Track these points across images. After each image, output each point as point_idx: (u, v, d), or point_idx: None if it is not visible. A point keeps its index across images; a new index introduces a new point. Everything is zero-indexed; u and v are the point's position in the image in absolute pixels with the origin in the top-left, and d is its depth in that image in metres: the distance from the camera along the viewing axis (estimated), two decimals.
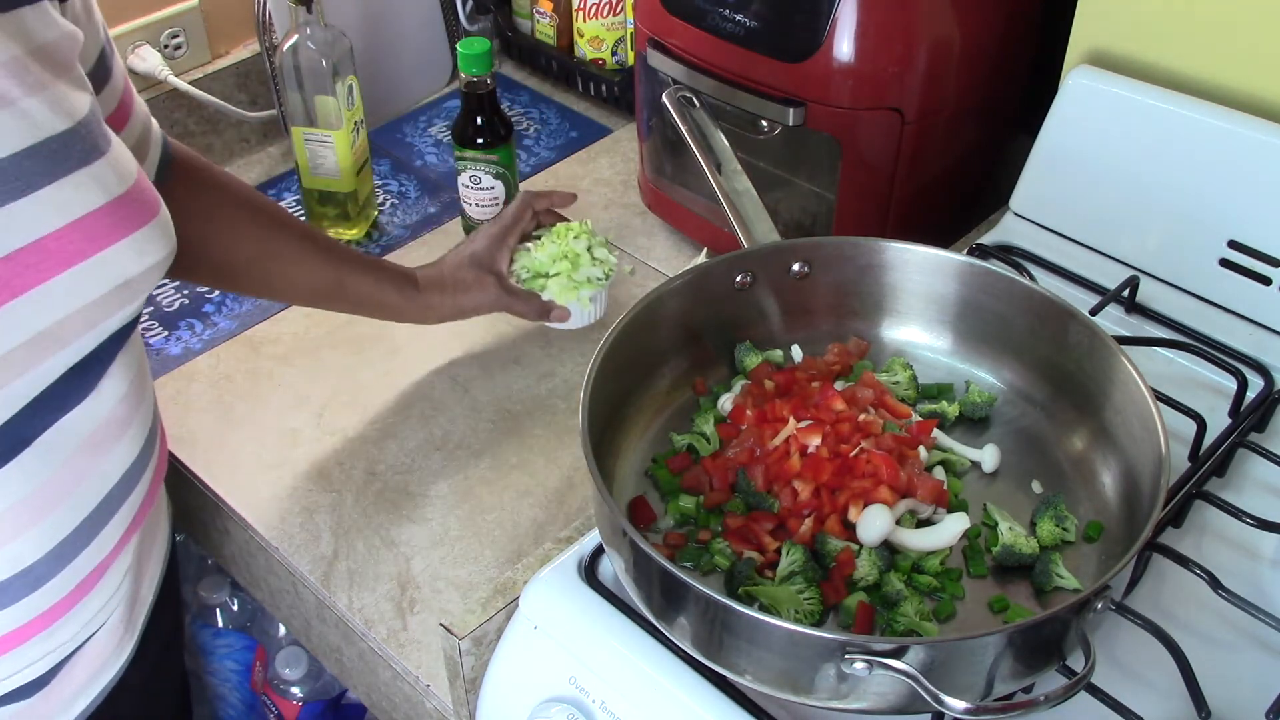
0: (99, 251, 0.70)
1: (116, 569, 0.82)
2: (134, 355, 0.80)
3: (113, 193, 0.70)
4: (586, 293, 1.10)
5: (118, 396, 0.77)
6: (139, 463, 0.81)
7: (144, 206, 0.73)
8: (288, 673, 1.27)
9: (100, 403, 0.75)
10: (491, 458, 1.05)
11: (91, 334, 0.72)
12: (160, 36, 1.36)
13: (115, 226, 0.71)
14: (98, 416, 0.75)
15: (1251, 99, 0.93)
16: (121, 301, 0.73)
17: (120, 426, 0.78)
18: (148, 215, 0.73)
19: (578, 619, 0.76)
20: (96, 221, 0.69)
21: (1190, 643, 0.68)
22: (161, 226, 0.74)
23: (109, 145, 0.72)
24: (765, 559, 0.75)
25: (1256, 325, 0.94)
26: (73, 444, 0.74)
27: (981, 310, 0.87)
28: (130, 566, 0.85)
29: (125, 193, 0.71)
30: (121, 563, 0.83)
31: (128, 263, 0.71)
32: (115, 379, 0.76)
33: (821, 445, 0.78)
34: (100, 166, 0.70)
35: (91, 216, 0.69)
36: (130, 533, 0.82)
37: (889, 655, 0.61)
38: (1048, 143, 1.01)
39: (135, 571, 0.86)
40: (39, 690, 0.80)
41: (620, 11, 1.43)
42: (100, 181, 0.70)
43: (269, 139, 1.46)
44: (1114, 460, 0.79)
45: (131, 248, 0.71)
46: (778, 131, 1.09)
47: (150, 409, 0.84)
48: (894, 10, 1.00)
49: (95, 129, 0.71)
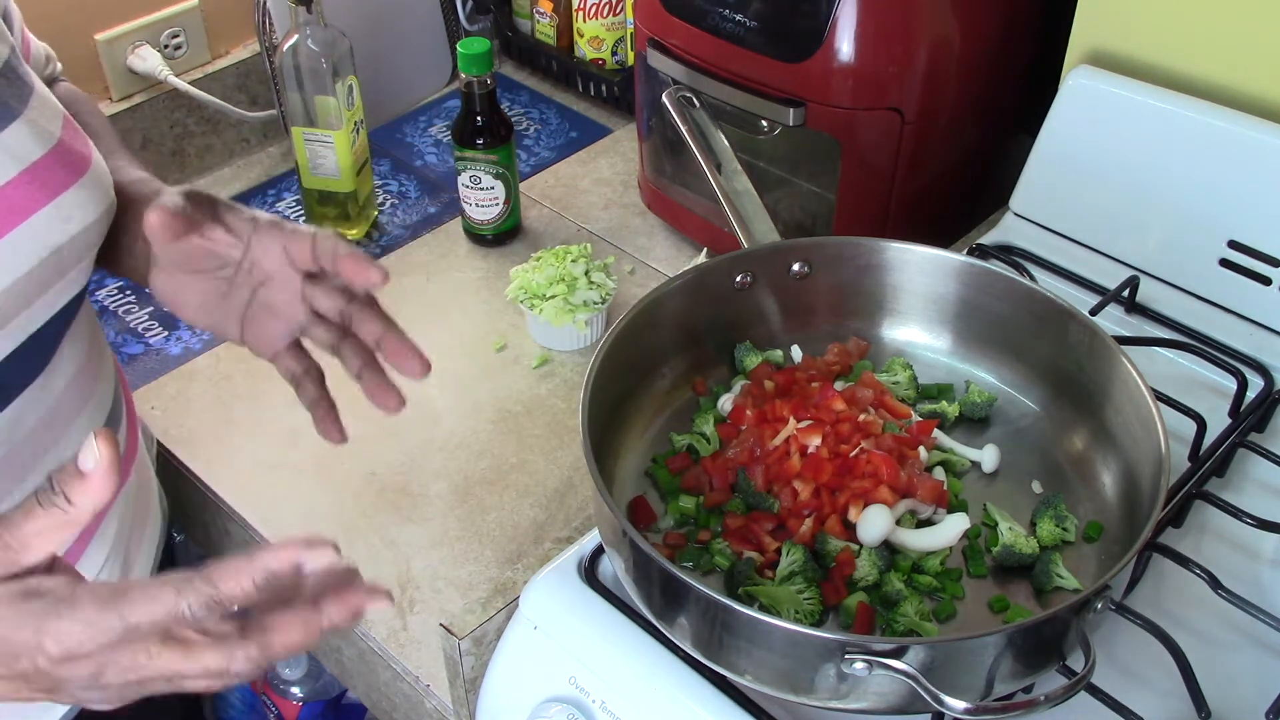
0: (16, 226, 0.66)
1: (91, 557, 0.79)
2: (85, 331, 0.76)
3: (26, 160, 0.66)
4: (582, 316, 1.11)
5: (69, 377, 0.73)
6: None
7: (68, 167, 0.69)
8: (288, 673, 1.27)
9: (50, 385, 0.72)
10: (491, 458, 1.05)
11: (28, 313, 0.68)
12: (160, 36, 1.36)
13: (32, 195, 0.66)
14: (48, 400, 0.72)
15: (1251, 99, 0.93)
16: (55, 273, 0.69)
17: (74, 407, 0.74)
18: (71, 177, 0.69)
19: (578, 619, 0.76)
20: (13, 191, 0.66)
21: (1190, 643, 0.68)
22: (89, 188, 0.70)
23: (24, 104, 0.67)
24: (765, 559, 0.75)
25: (1256, 325, 0.94)
26: (22, 430, 0.70)
27: (981, 310, 0.87)
28: (109, 554, 0.82)
29: (41, 158, 0.67)
30: (97, 548, 0.80)
31: (50, 232, 0.68)
32: (65, 359, 0.73)
33: (821, 445, 0.78)
34: (10, 134, 0.66)
35: (4, 189, 0.65)
36: (100, 518, 0.79)
37: (889, 655, 0.61)
38: (1048, 143, 1.01)
39: (120, 560, 0.83)
40: None
41: (620, 11, 1.43)
42: (10, 151, 0.66)
43: (269, 139, 1.46)
44: (1114, 460, 0.79)
45: (55, 215, 0.67)
46: (778, 131, 1.09)
47: (110, 387, 0.80)
48: (894, 10, 1.00)
49: (6, 90, 0.67)
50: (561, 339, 1.14)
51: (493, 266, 1.26)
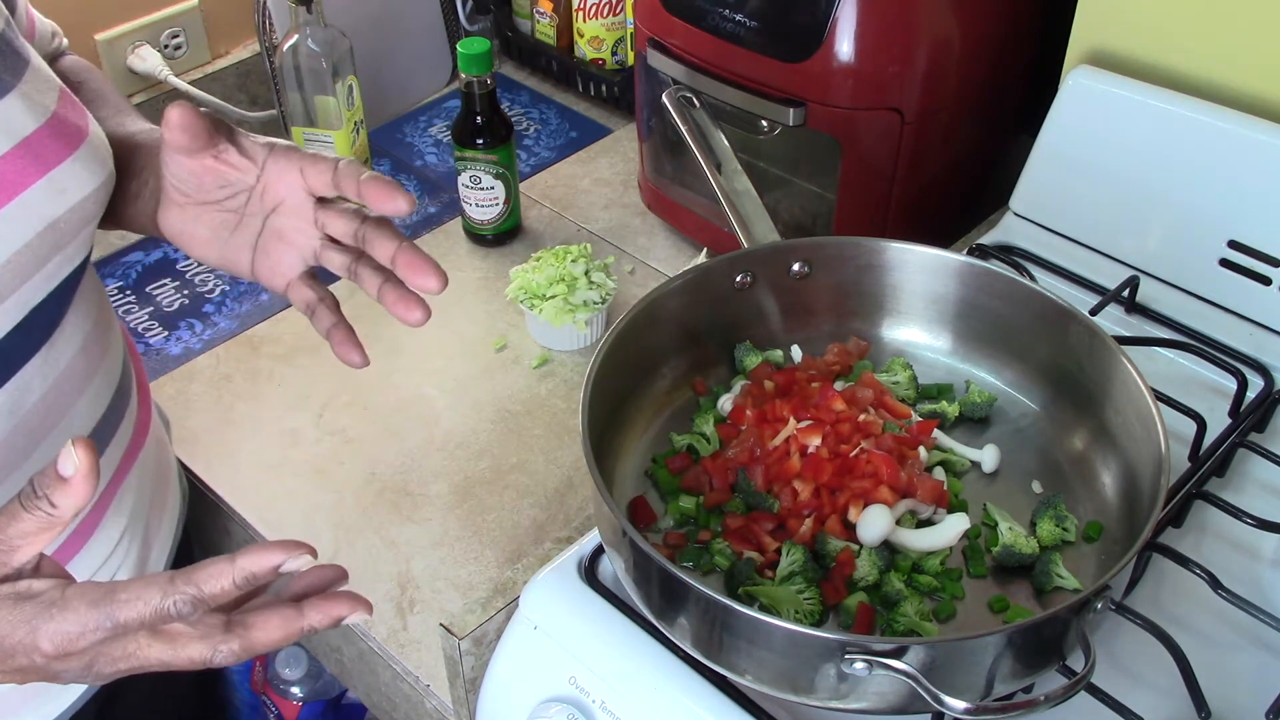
0: (10, 200, 0.65)
1: (106, 531, 0.79)
2: (89, 305, 0.76)
3: (19, 135, 0.66)
4: (582, 316, 1.11)
5: (74, 350, 0.73)
6: (109, 418, 0.77)
7: (62, 140, 0.69)
8: (288, 673, 1.27)
9: (54, 358, 0.71)
10: (491, 458, 1.05)
11: (28, 286, 0.68)
12: (160, 36, 1.36)
13: (26, 169, 0.66)
14: (54, 373, 0.72)
15: (1251, 99, 0.93)
16: (52, 247, 0.68)
17: (81, 381, 0.74)
18: (66, 150, 0.69)
19: (578, 619, 0.76)
20: (5, 166, 0.65)
21: (1190, 643, 0.68)
22: (84, 160, 0.70)
23: (18, 78, 0.67)
24: (765, 559, 0.75)
25: (1256, 325, 0.94)
26: (28, 403, 0.70)
27: (981, 310, 0.87)
28: (126, 528, 0.81)
29: (35, 131, 0.67)
30: (112, 523, 0.79)
31: (45, 205, 0.67)
32: (69, 332, 0.72)
33: (821, 445, 0.78)
34: (3, 108, 0.66)
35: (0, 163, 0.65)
36: (112, 492, 0.79)
37: (889, 655, 0.61)
38: (1048, 143, 1.01)
39: (140, 535, 0.83)
40: None
41: (620, 11, 1.43)
42: (3, 126, 0.66)
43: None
44: (1114, 460, 0.79)
45: (49, 188, 0.67)
46: (778, 131, 1.09)
47: (118, 360, 0.80)
48: (894, 10, 1.00)
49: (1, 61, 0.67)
50: (561, 339, 1.14)
51: (493, 266, 1.26)
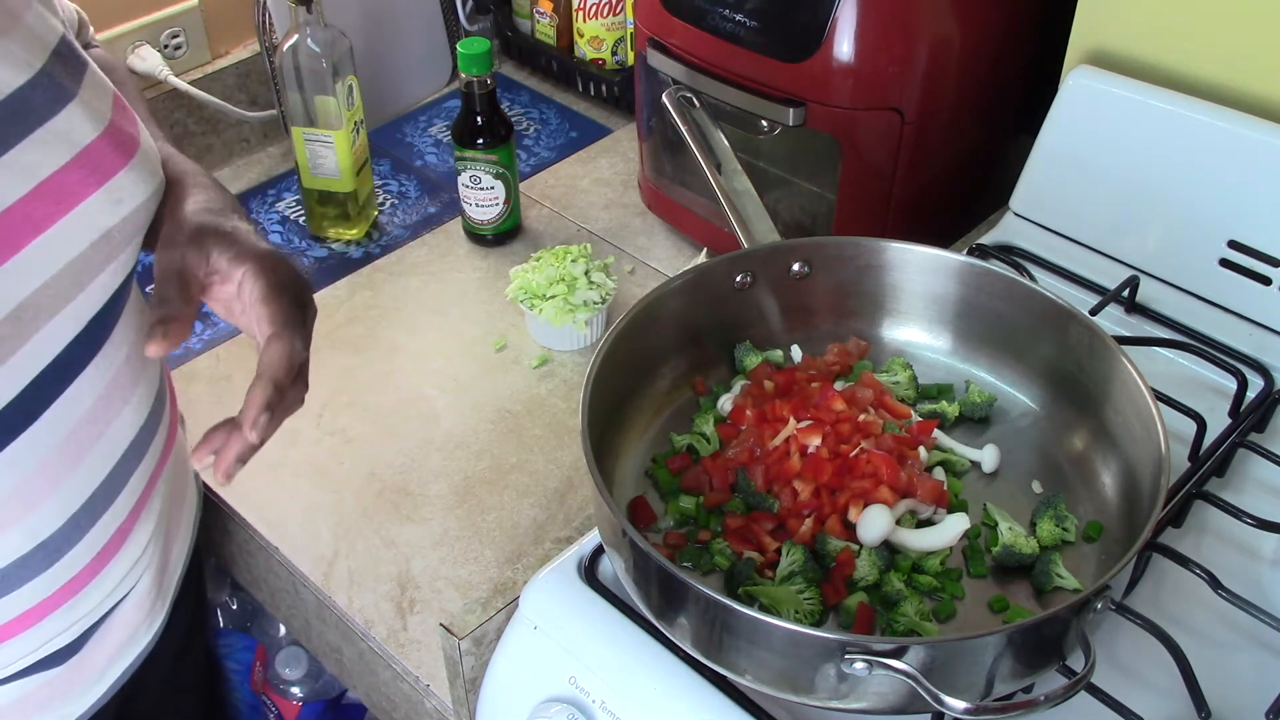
0: (69, 211, 0.66)
1: (138, 534, 0.80)
2: (135, 314, 0.77)
3: (79, 144, 0.66)
4: (582, 316, 1.11)
5: (122, 358, 0.74)
6: (149, 424, 0.79)
7: (117, 150, 0.69)
8: (288, 673, 1.27)
9: (105, 368, 0.73)
10: (491, 458, 1.05)
11: (83, 295, 0.69)
12: (160, 36, 1.36)
13: (85, 180, 0.67)
14: (103, 382, 0.73)
15: (1251, 99, 0.93)
16: (105, 256, 0.69)
17: (127, 390, 0.75)
18: (121, 160, 0.69)
19: (578, 619, 0.76)
20: (64, 177, 0.66)
21: (1190, 643, 0.68)
22: (138, 169, 0.70)
23: (79, 84, 0.67)
24: (765, 559, 0.75)
25: (1256, 325, 0.94)
26: (80, 411, 0.71)
27: (981, 310, 0.87)
28: (154, 531, 0.83)
29: (94, 140, 0.67)
30: (143, 527, 0.81)
31: (101, 215, 0.68)
32: (118, 342, 0.74)
33: (821, 445, 0.78)
34: (66, 117, 0.66)
35: (58, 174, 0.65)
36: (147, 496, 0.81)
37: (889, 655, 0.61)
38: (1048, 143, 1.01)
39: (162, 537, 0.84)
40: (70, 658, 0.79)
41: (620, 11, 1.43)
42: (64, 137, 0.66)
43: (269, 139, 1.46)
44: (1114, 460, 0.79)
45: (106, 198, 0.68)
46: (778, 131, 1.09)
47: (156, 368, 0.81)
48: (894, 10, 1.00)
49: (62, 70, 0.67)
50: (561, 339, 1.14)
51: (493, 266, 1.26)
